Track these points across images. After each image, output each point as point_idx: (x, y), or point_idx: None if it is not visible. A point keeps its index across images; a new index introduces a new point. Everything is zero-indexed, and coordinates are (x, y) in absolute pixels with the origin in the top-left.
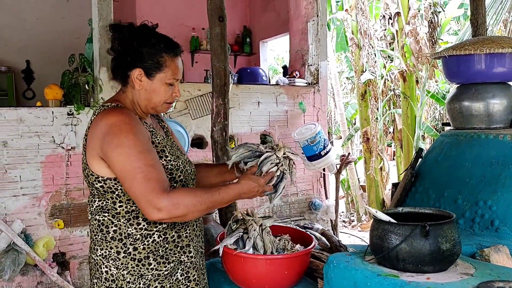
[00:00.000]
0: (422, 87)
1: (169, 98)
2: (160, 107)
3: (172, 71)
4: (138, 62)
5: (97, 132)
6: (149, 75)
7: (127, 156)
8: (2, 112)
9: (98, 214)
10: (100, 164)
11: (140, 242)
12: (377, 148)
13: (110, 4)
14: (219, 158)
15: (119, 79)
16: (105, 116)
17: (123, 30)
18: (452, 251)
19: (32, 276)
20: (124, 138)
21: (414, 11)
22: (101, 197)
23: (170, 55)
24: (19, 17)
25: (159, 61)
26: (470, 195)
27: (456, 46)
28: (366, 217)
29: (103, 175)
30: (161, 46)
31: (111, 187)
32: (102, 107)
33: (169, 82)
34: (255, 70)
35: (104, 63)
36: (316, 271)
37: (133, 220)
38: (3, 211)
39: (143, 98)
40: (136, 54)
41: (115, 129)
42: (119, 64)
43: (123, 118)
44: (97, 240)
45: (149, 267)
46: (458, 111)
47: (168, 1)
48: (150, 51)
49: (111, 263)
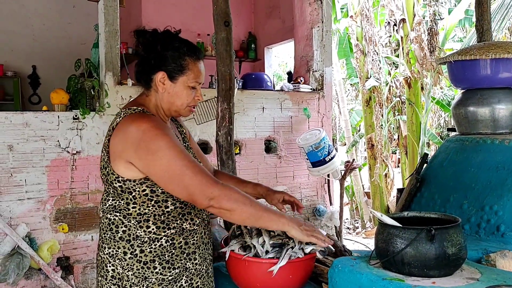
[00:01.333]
0: (427, 94)
1: (191, 102)
2: (183, 110)
3: (194, 74)
4: (162, 65)
5: (129, 137)
6: (172, 78)
7: (171, 157)
8: (8, 116)
9: (109, 213)
10: (126, 166)
11: (148, 245)
12: (382, 155)
13: (117, 10)
14: (224, 162)
15: (142, 82)
16: (135, 121)
17: (147, 35)
18: (458, 256)
19: (36, 280)
20: (161, 142)
21: (419, 17)
22: (116, 196)
23: (193, 58)
24: (26, 23)
25: (182, 64)
26: (475, 200)
27: (461, 51)
28: (370, 224)
29: (124, 176)
30: (184, 50)
31: (129, 188)
32: (129, 110)
33: (191, 85)
34: (260, 76)
35: (109, 68)
36: (320, 276)
37: (143, 223)
38: (8, 214)
39: (166, 101)
40: (160, 57)
41: (150, 134)
42: (143, 68)
43: (154, 124)
44: (106, 238)
45: (154, 271)
46: (464, 116)
47: (173, 7)
48: (173, 54)
49: (117, 262)
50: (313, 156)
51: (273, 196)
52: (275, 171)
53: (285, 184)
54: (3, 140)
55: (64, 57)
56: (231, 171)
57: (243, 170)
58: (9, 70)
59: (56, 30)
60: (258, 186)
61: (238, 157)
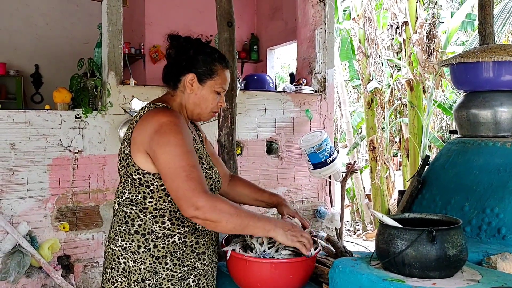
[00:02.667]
0: (429, 97)
1: (215, 107)
2: (206, 114)
3: (222, 80)
4: (192, 67)
5: (147, 129)
6: (201, 80)
7: (174, 155)
8: (10, 114)
9: (126, 206)
10: (145, 158)
11: (161, 241)
12: (383, 157)
13: (120, 9)
14: (226, 163)
15: (171, 83)
16: (157, 115)
17: (181, 39)
18: (458, 257)
19: (36, 279)
20: (172, 138)
21: (422, 20)
22: (133, 190)
23: (222, 65)
24: (29, 23)
25: (212, 69)
26: (477, 202)
27: (464, 53)
28: (371, 227)
29: (144, 169)
30: (215, 56)
31: (148, 181)
32: (153, 105)
33: (217, 91)
34: (262, 77)
35: (112, 68)
36: (321, 276)
37: (159, 218)
38: (10, 212)
39: (192, 102)
40: (192, 60)
41: (165, 128)
42: (173, 69)
43: (173, 119)
44: (120, 231)
45: (165, 266)
46: (466, 119)
47: (176, 7)
48: (205, 58)
49: (129, 255)
50: (314, 158)
51: (284, 209)
52: (276, 172)
53: (286, 185)
54: (5, 138)
55: (66, 56)
56: (233, 172)
57: (244, 171)
58: (12, 69)
59: (59, 29)
60: (274, 196)
61: (239, 158)
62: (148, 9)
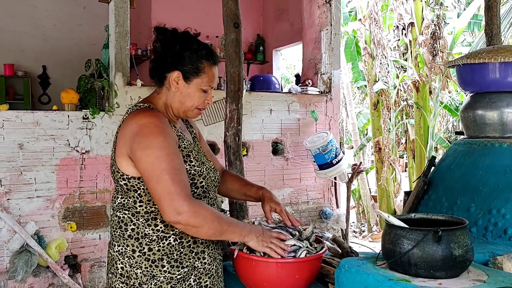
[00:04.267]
0: (435, 98)
1: (201, 104)
2: (191, 112)
3: (208, 78)
4: (178, 64)
5: (128, 131)
6: (186, 78)
7: (155, 158)
8: (19, 115)
9: (119, 211)
10: (127, 162)
11: (156, 244)
12: (389, 159)
13: (127, 11)
14: (232, 163)
15: (156, 79)
16: (136, 116)
17: (167, 33)
18: (464, 257)
19: (44, 278)
20: (153, 140)
21: (428, 21)
22: (124, 194)
23: (209, 62)
24: (37, 24)
25: (198, 67)
26: (483, 203)
27: (470, 54)
28: (377, 228)
29: (128, 174)
30: (202, 53)
31: (134, 186)
32: (135, 106)
33: (204, 89)
34: (268, 78)
35: (119, 69)
36: (327, 276)
37: (151, 221)
38: (18, 212)
39: (177, 100)
40: (177, 57)
41: (145, 130)
42: (159, 65)
43: (154, 120)
44: (116, 236)
45: (162, 269)
46: (472, 120)
47: (183, 9)
48: (191, 55)
49: (126, 260)
50: (320, 159)
51: (266, 203)
52: (282, 173)
53: (292, 186)
54: (13, 138)
55: (73, 57)
56: (239, 172)
57: (250, 172)
58: (19, 70)
59: (66, 31)
60: (261, 189)
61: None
62: (155, 10)
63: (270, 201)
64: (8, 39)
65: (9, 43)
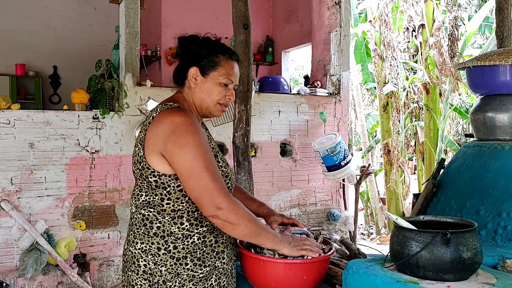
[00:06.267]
0: (445, 100)
1: (222, 99)
2: (213, 107)
3: (225, 71)
4: (195, 61)
5: (161, 130)
6: (203, 73)
7: (195, 155)
8: (30, 114)
9: (143, 209)
10: (159, 159)
11: (181, 242)
12: (398, 161)
13: (137, 12)
14: (240, 163)
15: (179, 81)
16: (170, 115)
17: (188, 38)
18: (473, 260)
19: (53, 276)
20: (190, 138)
21: (439, 23)
22: (150, 192)
23: (225, 57)
24: (48, 25)
25: (214, 60)
26: (492, 206)
27: (481, 57)
28: (385, 230)
29: (159, 170)
30: (218, 48)
31: (164, 183)
32: (165, 105)
33: (222, 82)
34: (277, 79)
35: (129, 69)
36: (335, 278)
37: (177, 219)
38: (28, 211)
39: (197, 97)
40: (195, 54)
41: (181, 128)
42: (179, 66)
43: (188, 119)
44: (139, 233)
45: (185, 267)
46: (482, 122)
47: (192, 10)
48: (207, 51)
49: (150, 258)
50: (328, 160)
51: (272, 218)
52: (290, 174)
53: (300, 187)
54: (24, 137)
55: (84, 58)
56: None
57: (258, 173)
58: (31, 70)
59: (77, 31)
60: (262, 206)
61: (253, 160)
62: (165, 11)
63: (273, 215)
64: (20, 39)
65: (21, 43)
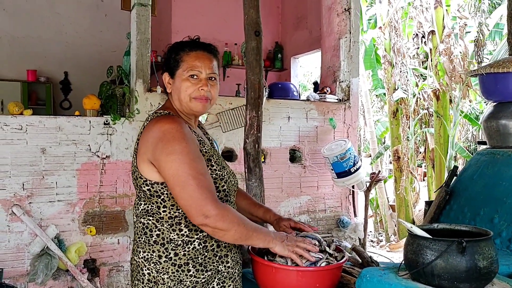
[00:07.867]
0: (455, 107)
1: (194, 93)
2: (190, 103)
3: (187, 64)
4: (166, 67)
5: (150, 138)
6: (172, 75)
7: (181, 163)
8: (42, 120)
9: (143, 217)
10: (150, 168)
11: (181, 248)
12: (408, 167)
13: (148, 19)
14: (251, 170)
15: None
16: (158, 123)
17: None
18: (489, 269)
19: (63, 281)
20: (177, 146)
21: (449, 29)
22: (147, 200)
23: (185, 51)
24: (60, 31)
25: (176, 59)
26: (507, 214)
27: (493, 64)
28: (395, 238)
29: (151, 179)
30: (179, 47)
31: (157, 191)
32: (156, 113)
33: (188, 75)
34: (286, 85)
35: (140, 76)
36: (347, 286)
37: (176, 226)
38: (39, 216)
39: (175, 99)
40: (165, 62)
41: (168, 136)
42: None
43: (176, 126)
44: (141, 242)
45: (188, 274)
46: (495, 130)
47: (202, 17)
48: (171, 54)
49: (152, 266)
50: (338, 167)
51: (280, 223)
52: (299, 180)
53: (309, 194)
54: (36, 143)
55: (95, 64)
56: (258, 179)
57: (267, 179)
58: (42, 75)
59: (88, 37)
60: (269, 212)
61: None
62: (175, 18)
63: (281, 220)
64: (31, 45)
65: (32, 49)
